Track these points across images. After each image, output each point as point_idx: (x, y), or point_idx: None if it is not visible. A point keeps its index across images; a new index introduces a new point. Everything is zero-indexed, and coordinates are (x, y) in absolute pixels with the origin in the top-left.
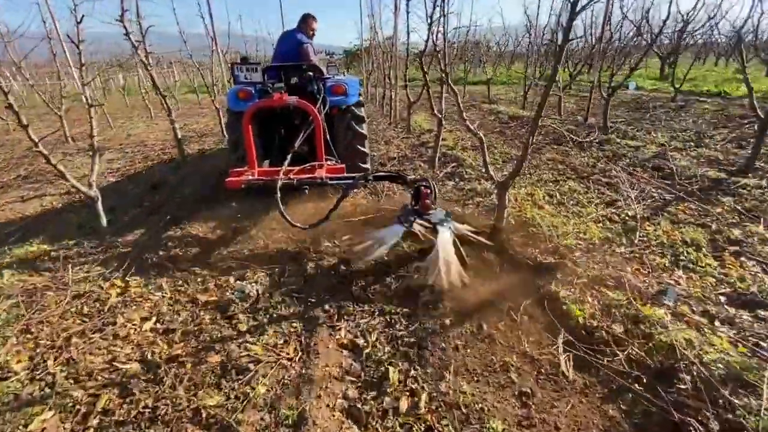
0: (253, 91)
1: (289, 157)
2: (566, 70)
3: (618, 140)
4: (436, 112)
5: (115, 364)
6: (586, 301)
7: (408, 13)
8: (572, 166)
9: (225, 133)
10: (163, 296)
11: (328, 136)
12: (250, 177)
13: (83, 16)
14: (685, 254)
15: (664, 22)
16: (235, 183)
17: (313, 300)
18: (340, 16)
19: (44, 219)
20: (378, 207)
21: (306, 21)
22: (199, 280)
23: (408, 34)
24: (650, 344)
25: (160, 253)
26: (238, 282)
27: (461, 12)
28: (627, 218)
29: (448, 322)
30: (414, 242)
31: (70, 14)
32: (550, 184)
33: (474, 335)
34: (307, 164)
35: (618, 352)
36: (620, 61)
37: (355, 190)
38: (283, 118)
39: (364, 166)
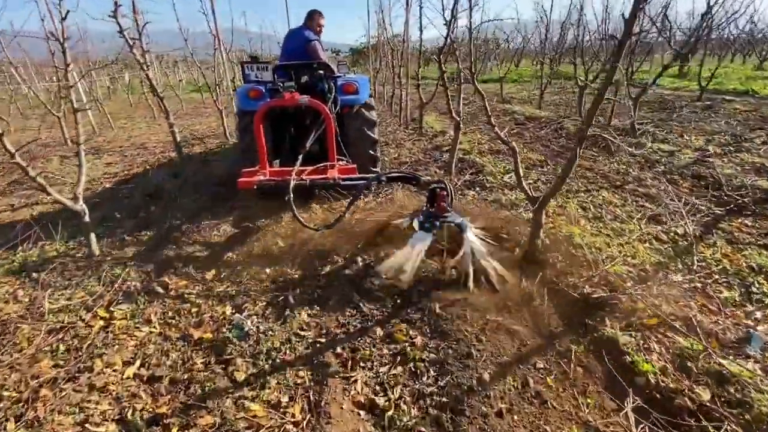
0: (264, 91)
1: (300, 157)
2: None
3: (648, 144)
4: (453, 114)
5: (87, 426)
6: (653, 350)
7: (421, 7)
8: (602, 173)
9: (234, 134)
10: (151, 331)
11: (339, 136)
12: (262, 178)
13: (68, 11)
14: (756, 285)
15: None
16: (246, 184)
17: (322, 340)
18: (340, 16)
19: (30, 231)
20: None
21: (312, 17)
22: (193, 310)
23: (420, 29)
24: (748, 416)
25: (152, 275)
26: (236, 315)
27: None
28: (677, 237)
29: (486, 376)
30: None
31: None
32: (582, 194)
33: (519, 394)
34: (319, 165)
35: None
36: (641, 58)
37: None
38: (294, 118)
39: (373, 153)
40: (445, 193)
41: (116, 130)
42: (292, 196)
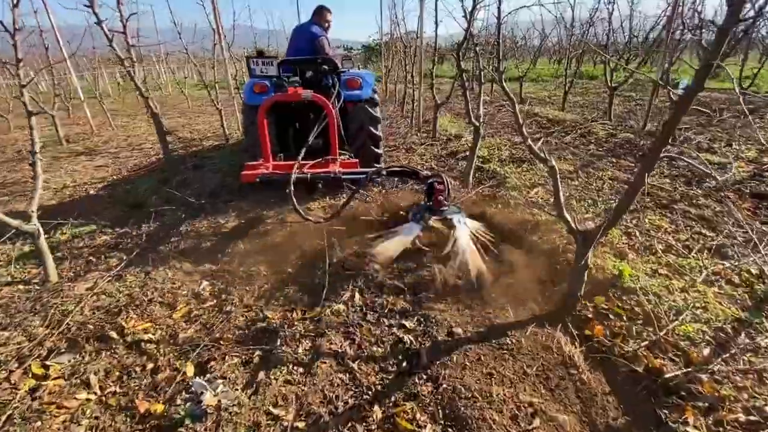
0: (269, 85)
1: (303, 151)
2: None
3: (692, 153)
4: (473, 119)
5: None
6: None
7: (437, 0)
8: (644, 189)
9: (239, 131)
10: (89, 398)
11: (342, 131)
12: (264, 171)
13: None
14: None
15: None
16: (249, 177)
17: (301, 426)
18: (353, 12)
19: None
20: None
21: (320, 13)
22: (148, 366)
23: (436, 23)
24: None
25: (109, 312)
26: (196, 380)
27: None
28: (750, 277)
29: None
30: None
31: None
32: (625, 215)
33: None
34: (321, 159)
35: None
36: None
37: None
38: (299, 113)
39: (377, 150)
40: (441, 187)
41: (115, 129)
42: (293, 188)
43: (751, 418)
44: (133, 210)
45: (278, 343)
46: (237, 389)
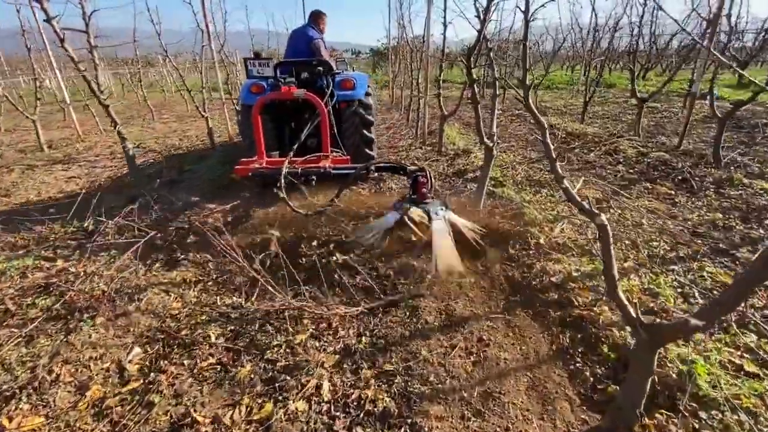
0: (266, 86)
1: (295, 147)
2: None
3: (744, 179)
4: (485, 140)
5: None
6: None
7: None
8: (692, 224)
9: (231, 134)
10: None
11: (335, 129)
12: (258, 166)
13: None
14: None
15: None
16: (243, 171)
17: None
18: (362, 16)
19: None
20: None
21: (316, 17)
22: None
23: (444, 25)
24: None
25: None
26: None
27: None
28: None
29: None
30: None
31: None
32: (674, 263)
33: None
34: (313, 155)
35: None
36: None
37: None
38: (294, 113)
39: (370, 152)
40: (425, 180)
41: (104, 133)
42: (283, 182)
43: None
44: (87, 238)
45: None
46: None
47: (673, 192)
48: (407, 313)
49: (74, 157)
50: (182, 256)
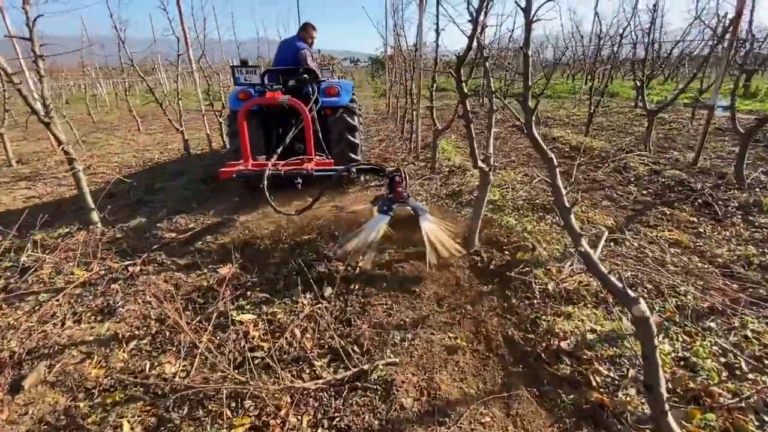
0: (253, 92)
1: (279, 150)
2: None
3: None
4: (480, 164)
5: None
6: None
7: (438, 3)
8: (721, 261)
9: (226, 135)
10: None
11: (319, 134)
12: (242, 168)
13: None
14: None
15: None
16: (227, 173)
17: None
18: (361, 25)
19: None
20: None
21: (306, 29)
22: None
23: (437, 31)
24: None
25: None
26: None
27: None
28: None
29: None
30: None
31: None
32: (709, 317)
33: None
34: (296, 158)
35: None
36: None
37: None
38: (281, 119)
39: (355, 157)
40: (400, 179)
41: (87, 145)
42: (266, 183)
43: None
44: (18, 275)
45: None
46: None
47: (695, 219)
48: (379, 392)
49: (42, 173)
50: (120, 303)
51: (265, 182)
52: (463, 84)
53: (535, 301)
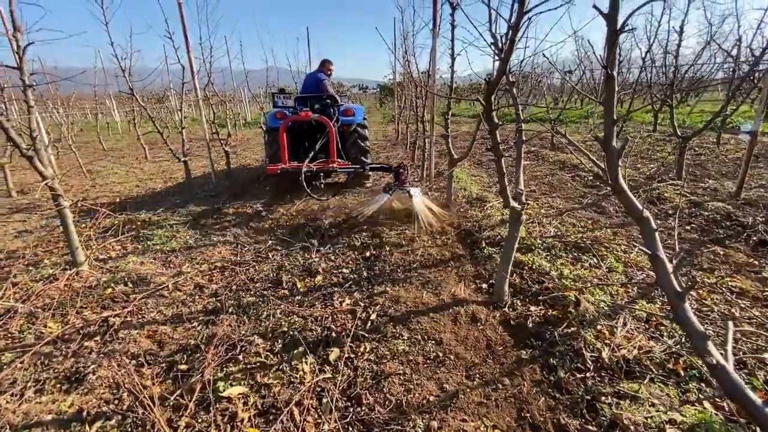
0: (287, 113)
1: (311, 155)
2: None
3: None
4: (512, 202)
5: None
6: None
7: (453, 26)
8: None
9: (264, 146)
10: None
11: (340, 145)
12: (284, 166)
13: None
14: None
15: None
16: (273, 170)
17: None
18: (371, 54)
19: None
20: None
21: (324, 64)
22: None
23: (453, 57)
24: None
25: None
26: None
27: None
28: None
29: None
30: None
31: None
32: None
33: None
34: (323, 160)
35: None
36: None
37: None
38: (309, 134)
39: (365, 159)
40: (404, 172)
41: (86, 176)
42: (303, 177)
43: None
44: None
45: None
46: None
47: (755, 261)
48: None
49: (40, 205)
50: (92, 367)
51: (303, 177)
52: (494, 113)
53: (588, 375)
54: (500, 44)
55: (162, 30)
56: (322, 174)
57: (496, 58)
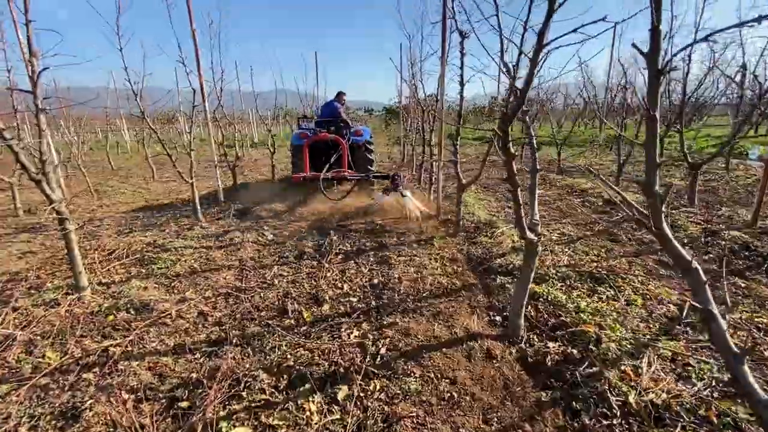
0: (309, 134)
1: (327, 166)
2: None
3: None
4: (528, 234)
5: None
6: None
7: (462, 54)
8: None
9: (291, 161)
10: None
11: (350, 159)
12: (305, 174)
13: None
14: None
15: None
16: (296, 178)
17: None
18: (378, 78)
19: None
20: None
21: (339, 95)
22: None
23: (462, 83)
24: None
25: None
26: None
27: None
28: None
29: None
30: None
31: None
32: None
33: None
34: (337, 170)
35: None
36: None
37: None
38: (325, 151)
39: (371, 169)
40: (397, 177)
41: (93, 196)
42: (322, 183)
43: None
44: None
45: None
46: None
47: None
48: None
49: (47, 225)
50: (88, 402)
51: (321, 183)
52: (511, 143)
53: (615, 422)
54: (512, 72)
55: (173, 50)
56: (335, 180)
57: (508, 88)
